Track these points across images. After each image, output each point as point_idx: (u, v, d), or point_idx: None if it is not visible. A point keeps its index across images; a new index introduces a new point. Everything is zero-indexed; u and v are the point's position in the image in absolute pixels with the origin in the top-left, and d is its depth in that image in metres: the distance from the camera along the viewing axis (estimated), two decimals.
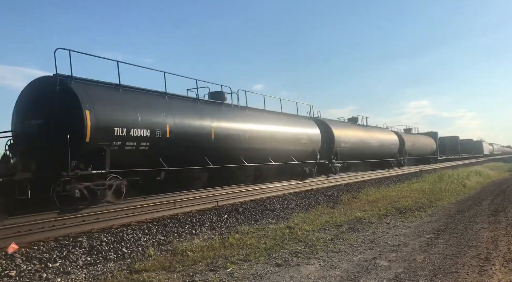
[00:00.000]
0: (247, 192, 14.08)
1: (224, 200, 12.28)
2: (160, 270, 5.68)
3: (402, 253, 6.31)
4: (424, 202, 12.40)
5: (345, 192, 16.09)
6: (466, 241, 7.09)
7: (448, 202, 12.71)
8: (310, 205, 12.77)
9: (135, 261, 6.28)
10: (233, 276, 5.27)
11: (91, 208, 9.45)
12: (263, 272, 5.45)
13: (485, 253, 6.15)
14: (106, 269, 5.92)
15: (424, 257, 6.02)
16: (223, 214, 10.38)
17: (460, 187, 17.29)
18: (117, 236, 7.69)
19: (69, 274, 5.73)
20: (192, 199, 11.83)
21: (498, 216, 9.71)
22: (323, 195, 14.93)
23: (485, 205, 11.89)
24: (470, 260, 5.78)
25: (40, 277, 5.56)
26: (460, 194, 15.08)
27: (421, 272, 5.26)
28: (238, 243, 7.14)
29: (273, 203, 12.47)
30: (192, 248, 6.84)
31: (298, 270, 5.50)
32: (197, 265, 5.87)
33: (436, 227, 8.52)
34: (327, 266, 5.69)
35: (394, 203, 12.30)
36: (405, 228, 8.47)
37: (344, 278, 5.11)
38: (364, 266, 5.63)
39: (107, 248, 7.02)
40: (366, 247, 6.82)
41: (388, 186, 18.90)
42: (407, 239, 7.41)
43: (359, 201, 13.16)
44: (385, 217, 9.84)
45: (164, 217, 9.69)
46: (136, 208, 10.07)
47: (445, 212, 10.68)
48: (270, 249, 6.73)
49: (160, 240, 7.81)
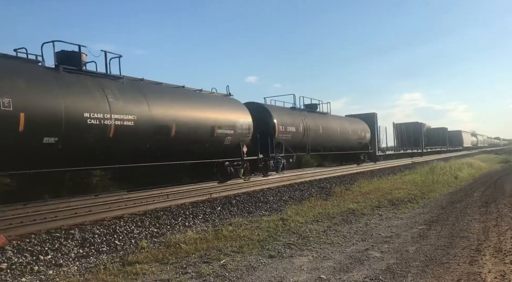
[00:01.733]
0: (240, 184, 14.07)
1: (218, 192, 12.26)
2: (153, 262, 5.66)
3: (395, 244, 6.35)
4: (416, 193, 12.49)
5: (338, 183, 16.16)
6: (457, 232, 7.15)
7: (440, 193, 12.81)
8: (303, 197, 12.81)
9: (128, 253, 6.26)
10: (226, 268, 5.27)
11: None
12: (256, 263, 5.46)
13: (476, 244, 6.21)
14: (98, 262, 5.90)
15: (416, 248, 6.06)
16: (217, 206, 10.37)
17: (452, 179, 17.44)
18: (110, 228, 7.66)
19: (61, 266, 5.70)
20: (185, 191, 11.80)
21: (489, 207, 9.81)
22: (316, 187, 14.98)
23: (476, 196, 12.00)
24: (461, 251, 5.83)
25: (32, 270, 5.52)
26: (452, 185, 15.21)
27: (413, 262, 5.30)
28: (232, 235, 7.14)
29: (266, 195, 12.49)
30: (185, 240, 6.83)
31: (291, 262, 5.51)
32: (190, 257, 5.86)
33: (428, 218, 8.59)
34: (320, 257, 5.71)
35: (386, 194, 12.38)
36: (397, 220, 8.53)
37: (337, 269, 5.13)
38: (356, 257, 5.66)
39: (99, 241, 6.98)
40: (358, 238, 6.86)
41: (381, 177, 19.01)
42: (399, 230, 7.46)
43: (352, 193, 13.22)
44: (377, 209, 9.90)
45: (157, 209, 9.65)
46: (129, 200, 10.03)
47: (437, 203, 10.76)
48: (263, 240, 6.74)
49: (153, 232, 7.79)
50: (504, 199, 11.03)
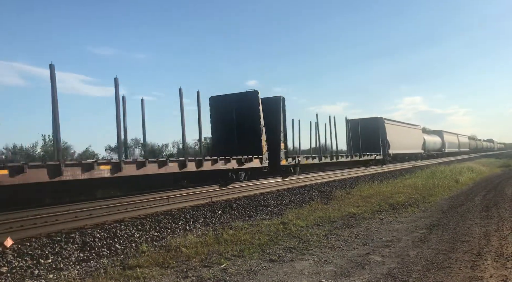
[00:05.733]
0: (240, 188, 14.07)
1: (218, 196, 12.26)
2: (153, 266, 5.65)
3: (396, 249, 6.34)
4: (417, 197, 12.48)
5: (338, 187, 16.14)
6: (458, 236, 7.13)
7: (441, 197, 12.79)
8: (304, 200, 12.80)
9: (128, 257, 6.25)
10: (227, 272, 5.26)
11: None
12: (257, 267, 5.45)
13: (478, 248, 6.19)
14: (99, 265, 5.88)
15: (417, 252, 6.05)
16: (217, 210, 10.37)
17: (452, 183, 17.43)
18: (110, 232, 7.65)
19: (61, 270, 5.69)
20: (185, 195, 11.80)
21: (490, 211, 9.79)
22: (317, 191, 14.96)
23: (477, 200, 11.99)
24: (463, 255, 5.81)
25: (32, 274, 5.51)
26: (453, 189, 15.19)
27: (414, 267, 5.29)
28: (232, 239, 7.13)
29: (267, 199, 12.48)
30: (186, 244, 6.82)
31: (292, 266, 5.50)
32: (191, 261, 5.85)
33: (429, 222, 8.57)
34: (321, 261, 5.70)
35: (387, 198, 12.36)
36: (398, 224, 8.51)
37: (338, 273, 5.12)
38: (357, 261, 5.65)
39: (100, 244, 6.98)
40: (359, 242, 6.84)
41: (381, 181, 19.00)
42: (400, 234, 7.45)
43: (352, 197, 13.21)
44: (378, 213, 9.89)
45: (158, 213, 9.65)
46: (130, 204, 10.03)
47: (438, 207, 10.75)
48: (264, 244, 6.73)
49: (153, 236, 7.78)
50: (505, 203, 11.00)
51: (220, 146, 16.61)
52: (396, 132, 33.21)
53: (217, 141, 17.12)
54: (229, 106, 16.41)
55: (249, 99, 15.98)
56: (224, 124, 16.59)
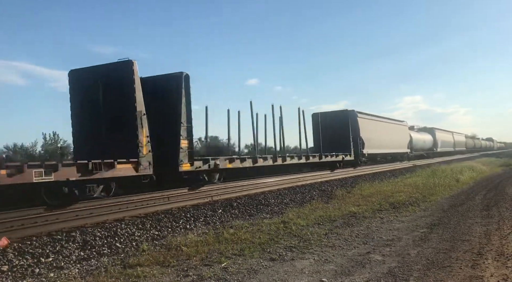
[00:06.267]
0: (241, 187, 14.08)
1: (219, 195, 12.26)
2: (154, 265, 5.65)
3: (396, 248, 6.34)
4: (417, 196, 12.47)
5: (339, 186, 16.14)
6: (459, 235, 7.13)
7: (441, 196, 12.78)
8: (305, 199, 12.80)
9: (129, 256, 6.25)
10: (228, 271, 5.26)
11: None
12: (258, 266, 5.44)
13: (478, 248, 6.18)
14: (99, 264, 5.89)
15: (417, 252, 6.04)
16: (218, 209, 10.37)
17: (453, 182, 17.41)
18: (111, 231, 7.66)
19: (62, 269, 5.69)
20: (186, 194, 11.80)
21: (490, 210, 9.78)
22: (318, 190, 14.96)
23: (478, 199, 11.98)
24: (463, 254, 5.81)
25: (33, 272, 5.52)
26: (454, 188, 15.18)
27: (415, 266, 5.28)
28: (233, 238, 7.13)
29: (268, 198, 12.48)
30: (187, 243, 6.82)
31: (293, 265, 5.50)
32: (191, 260, 5.85)
33: (429, 221, 8.56)
34: (321, 260, 5.70)
35: (388, 197, 12.35)
36: (399, 223, 8.51)
37: (338, 272, 5.11)
38: (358, 260, 5.64)
39: (100, 243, 6.98)
40: (360, 241, 6.84)
41: (382, 180, 18.99)
42: (401, 233, 7.44)
43: (353, 196, 13.20)
44: (379, 212, 9.88)
45: (158, 211, 9.65)
46: (130, 202, 10.03)
47: (438, 206, 10.74)
48: (264, 243, 6.73)
49: (154, 235, 7.79)
50: (505, 203, 10.99)
51: (83, 142, 11.64)
52: (373, 128, 27.63)
53: (79, 134, 11.70)
54: (95, 85, 11.11)
55: (121, 74, 10.72)
56: (88, 111, 11.43)
